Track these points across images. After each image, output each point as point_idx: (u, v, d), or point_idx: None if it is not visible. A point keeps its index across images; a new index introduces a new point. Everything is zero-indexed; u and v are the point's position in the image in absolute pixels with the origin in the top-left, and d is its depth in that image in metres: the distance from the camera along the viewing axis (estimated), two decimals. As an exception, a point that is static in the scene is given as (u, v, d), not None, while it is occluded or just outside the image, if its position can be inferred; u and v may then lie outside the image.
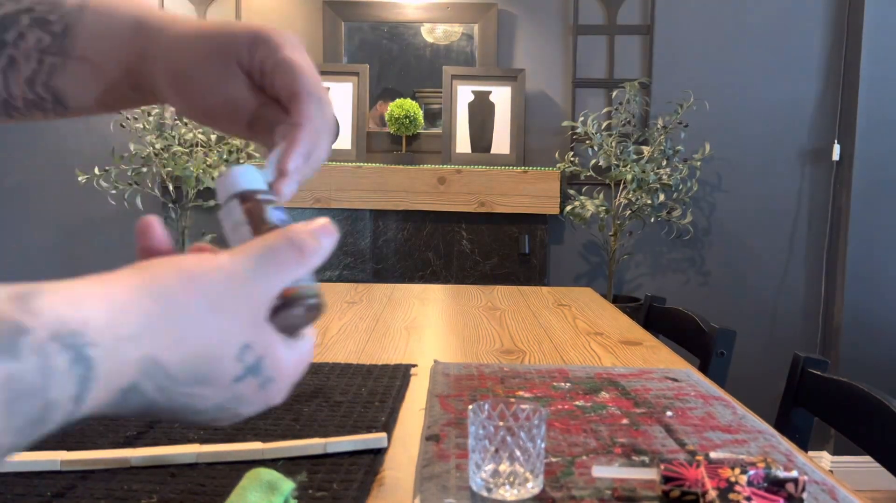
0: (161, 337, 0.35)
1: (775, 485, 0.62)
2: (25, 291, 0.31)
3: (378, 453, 0.76)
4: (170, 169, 2.51)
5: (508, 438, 0.64)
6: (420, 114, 2.70)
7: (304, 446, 0.73)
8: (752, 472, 0.62)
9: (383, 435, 0.76)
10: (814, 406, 1.19)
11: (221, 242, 0.44)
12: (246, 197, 0.46)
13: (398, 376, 1.04)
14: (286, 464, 0.71)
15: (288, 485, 0.58)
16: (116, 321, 0.33)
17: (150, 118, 2.51)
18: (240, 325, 0.38)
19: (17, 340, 0.29)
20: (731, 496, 0.60)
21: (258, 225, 0.44)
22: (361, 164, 2.68)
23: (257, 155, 2.76)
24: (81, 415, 0.33)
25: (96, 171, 2.57)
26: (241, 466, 0.70)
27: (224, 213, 0.46)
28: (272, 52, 0.51)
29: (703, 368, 1.47)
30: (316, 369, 1.08)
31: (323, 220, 0.43)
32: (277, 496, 0.57)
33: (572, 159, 2.72)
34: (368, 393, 0.96)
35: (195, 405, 0.38)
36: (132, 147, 2.54)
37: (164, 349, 0.35)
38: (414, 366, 1.13)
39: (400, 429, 0.85)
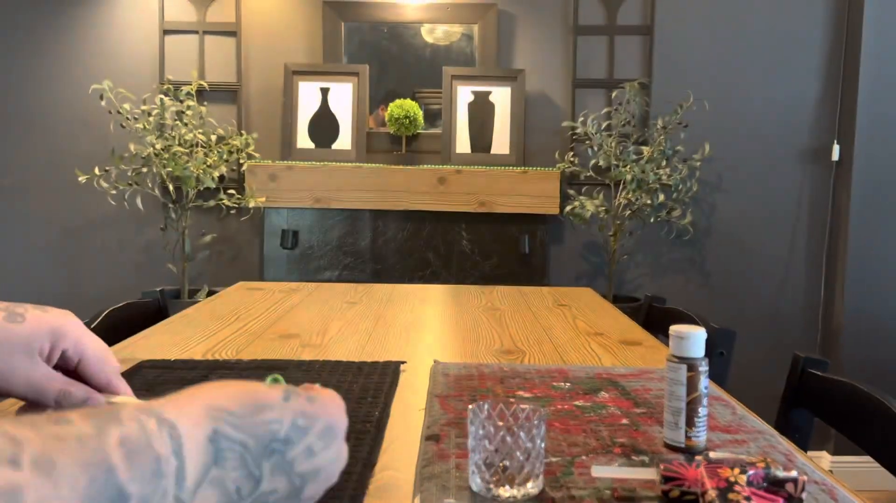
0: (209, 392, 0.47)
1: (775, 485, 0.62)
2: (157, 408, 0.43)
3: (374, 447, 0.76)
4: (170, 169, 2.51)
5: (508, 438, 0.64)
6: (420, 114, 2.70)
7: None
8: (751, 472, 0.62)
9: None
10: (814, 406, 1.19)
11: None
12: None
13: (388, 373, 1.06)
14: None
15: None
16: (180, 406, 0.45)
17: (151, 118, 2.51)
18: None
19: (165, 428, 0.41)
20: (731, 496, 0.60)
21: None
22: (361, 164, 2.68)
23: (257, 155, 2.76)
24: (189, 475, 0.42)
25: (96, 171, 2.57)
26: None
27: None
28: (75, 344, 0.67)
29: (703, 368, 1.47)
30: (307, 367, 1.09)
31: None
32: None
33: (572, 159, 2.72)
34: (360, 389, 0.97)
35: (276, 432, 0.47)
36: (132, 147, 2.54)
37: (215, 397, 0.46)
38: (403, 362, 1.14)
39: (400, 429, 0.85)
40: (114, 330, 1.48)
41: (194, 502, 0.42)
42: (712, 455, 0.70)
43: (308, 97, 2.76)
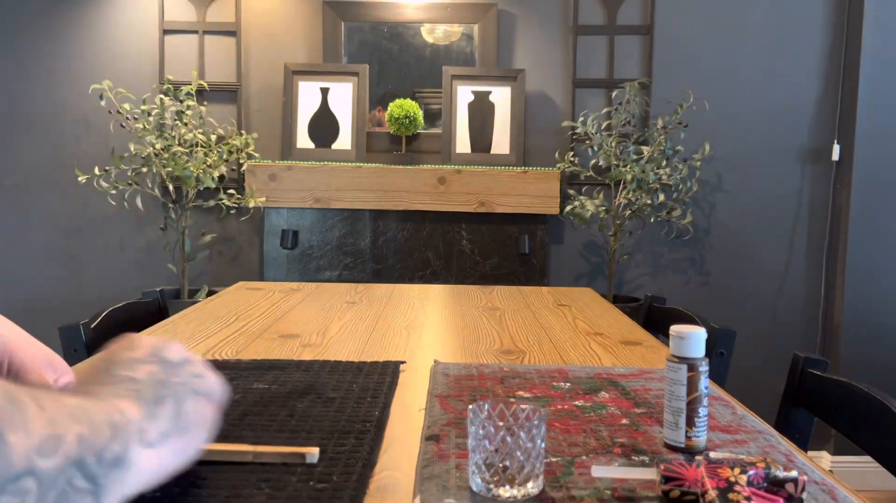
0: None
1: (775, 485, 0.62)
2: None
3: (374, 447, 0.76)
4: (170, 169, 2.51)
5: (508, 438, 0.64)
6: (420, 114, 2.70)
7: (234, 452, 0.72)
8: (751, 472, 0.62)
9: (315, 450, 0.73)
10: (814, 406, 1.19)
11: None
12: None
13: (388, 373, 1.06)
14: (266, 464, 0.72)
15: None
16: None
17: (150, 118, 2.51)
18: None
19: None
20: (731, 496, 0.60)
21: None
22: (361, 164, 2.68)
23: (257, 155, 2.76)
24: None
25: (96, 171, 2.57)
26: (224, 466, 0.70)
27: None
28: (22, 372, 0.73)
29: (703, 368, 1.47)
30: (307, 366, 1.09)
31: None
32: None
33: (572, 159, 2.72)
34: (360, 389, 0.97)
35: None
36: (132, 147, 2.54)
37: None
38: (403, 362, 1.14)
39: (400, 429, 0.85)
40: (114, 330, 1.48)
41: None
42: (712, 455, 0.70)
43: (308, 97, 2.76)
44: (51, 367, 0.75)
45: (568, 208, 2.63)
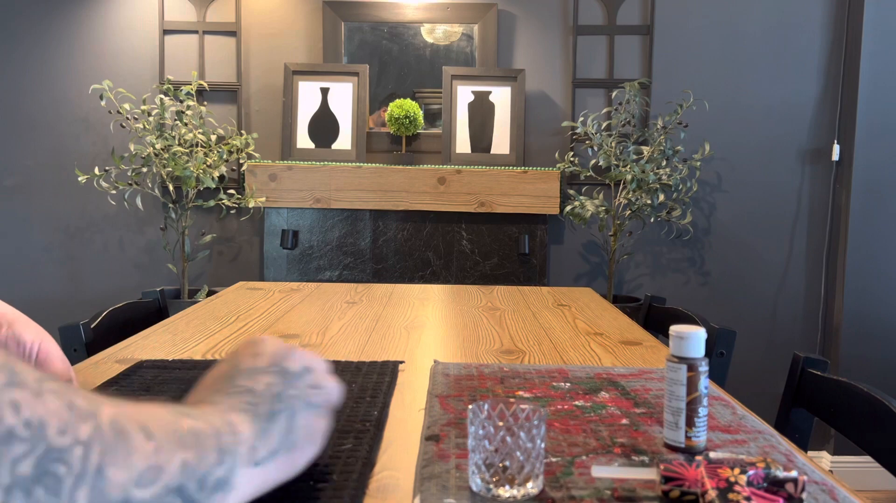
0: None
1: (775, 485, 0.62)
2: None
3: (373, 447, 0.76)
4: (170, 169, 2.51)
5: (508, 438, 0.64)
6: (420, 114, 2.70)
7: None
8: (751, 472, 0.62)
9: None
10: (814, 406, 1.19)
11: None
12: None
13: (387, 372, 1.06)
14: None
15: None
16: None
17: (151, 118, 2.51)
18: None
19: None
20: (731, 496, 0.60)
21: None
22: (361, 164, 2.68)
23: (257, 155, 2.76)
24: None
25: (96, 171, 2.57)
26: None
27: None
28: (49, 361, 0.80)
29: (703, 368, 1.47)
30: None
31: None
32: None
33: (572, 159, 2.72)
34: (359, 389, 0.97)
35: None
36: (132, 147, 2.54)
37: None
38: (401, 362, 1.14)
39: (400, 429, 0.85)
40: (114, 330, 1.48)
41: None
42: (712, 455, 0.70)
43: (308, 97, 2.76)
44: (65, 363, 0.80)
45: (568, 208, 2.63)
